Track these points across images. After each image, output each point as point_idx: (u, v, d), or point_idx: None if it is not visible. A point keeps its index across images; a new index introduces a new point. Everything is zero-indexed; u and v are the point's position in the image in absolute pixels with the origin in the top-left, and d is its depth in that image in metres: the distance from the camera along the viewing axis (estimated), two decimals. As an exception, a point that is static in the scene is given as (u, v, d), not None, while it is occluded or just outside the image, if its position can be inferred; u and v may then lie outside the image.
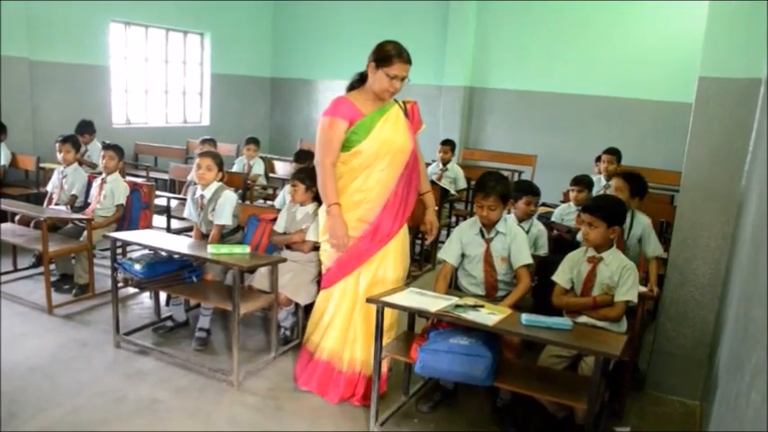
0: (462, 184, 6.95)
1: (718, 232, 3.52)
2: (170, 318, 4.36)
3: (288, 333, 4.20)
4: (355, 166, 3.34)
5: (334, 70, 10.36)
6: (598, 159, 6.21)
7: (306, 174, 4.12)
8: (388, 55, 3.22)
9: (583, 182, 4.86)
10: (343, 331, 3.46)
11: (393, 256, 3.45)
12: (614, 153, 5.97)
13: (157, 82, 9.53)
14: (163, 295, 4.49)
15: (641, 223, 3.96)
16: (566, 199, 5.34)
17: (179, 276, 3.89)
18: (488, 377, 2.76)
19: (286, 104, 11.16)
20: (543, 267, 3.70)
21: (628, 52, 8.23)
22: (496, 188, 3.39)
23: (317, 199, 4.08)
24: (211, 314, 4.12)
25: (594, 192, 5.12)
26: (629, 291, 3.12)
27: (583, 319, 3.17)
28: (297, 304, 4.06)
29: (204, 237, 4.30)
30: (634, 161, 6.79)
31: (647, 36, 8.09)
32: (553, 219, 4.82)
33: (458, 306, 2.93)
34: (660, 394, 3.74)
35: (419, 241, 5.45)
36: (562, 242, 4.23)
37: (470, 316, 2.81)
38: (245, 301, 3.68)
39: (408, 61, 3.26)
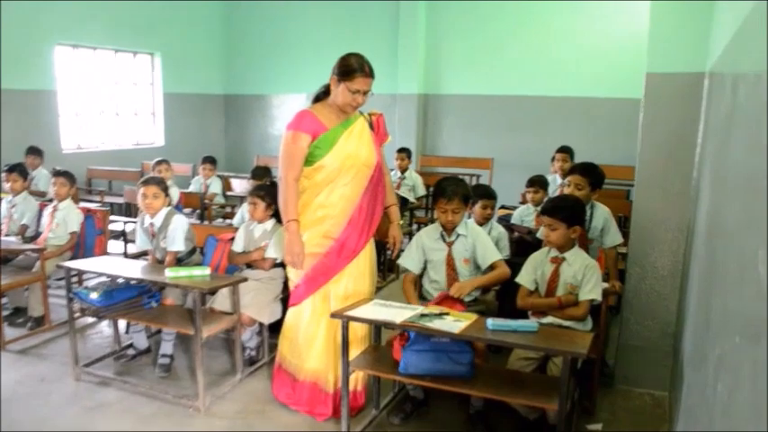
0: (421, 191, 6.96)
1: (674, 224, 3.57)
2: (131, 345, 4.23)
3: (253, 354, 4.12)
4: (318, 181, 3.29)
5: (288, 85, 10.33)
6: (553, 159, 6.27)
7: (266, 191, 4.05)
8: (350, 69, 3.17)
9: (538, 182, 4.90)
10: (326, 352, 3.40)
11: (361, 270, 3.42)
12: (567, 151, 6.03)
13: (108, 104, 9.34)
14: (122, 323, 4.35)
15: (602, 214, 3.90)
16: (524, 200, 5.37)
17: (138, 303, 3.78)
18: (470, 370, 2.82)
19: (241, 121, 11.06)
20: (506, 270, 3.69)
21: (578, 52, 8.37)
22: (458, 191, 3.37)
23: (275, 216, 4.03)
24: (174, 339, 4.02)
25: (551, 191, 5.15)
26: (592, 289, 3.14)
27: (548, 319, 3.17)
28: (261, 323, 3.99)
29: (160, 263, 4.19)
30: (589, 158, 6.79)
31: (597, 35, 8.24)
32: (513, 221, 4.82)
33: (423, 315, 2.91)
34: (629, 388, 3.77)
35: (383, 252, 5.43)
36: (524, 244, 4.23)
37: (436, 324, 2.79)
38: (208, 323, 3.59)
39: (371, 75, 3.21)
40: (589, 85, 8.35)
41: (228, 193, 7.24)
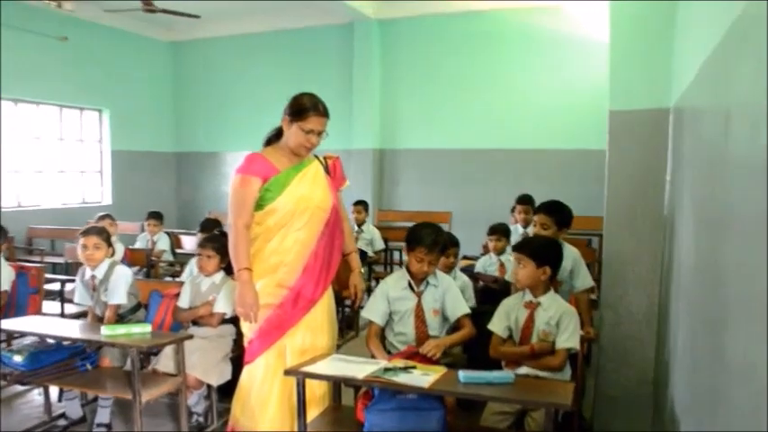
0: (380, 245, 6.76)
1: (647, 265, 3.43)
2: (63, 415, 3.81)
3: (201, 420, 3.75)
4: (271, 226, 3.05)
5: (242, 142, 10.05)
6: (513, 209, 6.12)
7: (220, 242, 3.76)
8: (303, 108, 3.00)
9: (499, 230, 4.78)
10: (281, 414, 3.09)
11: (319, 323, 3.15)
12: (527, 202, 5.84)
13: (52, 161, 8.97)
14: (55, 390, 3.94)
15: (571, 255, 3.65)
16: (486, 251, 5.21)
17: (70, 365, 3.41)
18: (442, 429, 2.54)
19: (193, 179, 10.80)
20: (473, 319, 3.47)
21: (534, 105, 8.43)
22: (439, 241, 3.17)
23: (226, 268, 3.74)
24: (111, 406, 3.63)
25: (513, 241, 4.98)
26: (570, 337, 2.90)
27: (523, 370, 2.92)
28: (209, 386, 3.64)
29: (100, 320, 3.84)
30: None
31: (552, 87, 8.32)
32: (476, 270, 4.67)
33: (387, 369, 2.64)
34: (609, 443, 3.54)
35: (341, 307, 5.15)
36: (489, 292, 4.05)
37: (402, 379, 2.52)
38: (148, 387, 3.24)
39: (325, 114, 3.04)
40: (545, 137, 8.39)
41: (178, 251, 6.91)
